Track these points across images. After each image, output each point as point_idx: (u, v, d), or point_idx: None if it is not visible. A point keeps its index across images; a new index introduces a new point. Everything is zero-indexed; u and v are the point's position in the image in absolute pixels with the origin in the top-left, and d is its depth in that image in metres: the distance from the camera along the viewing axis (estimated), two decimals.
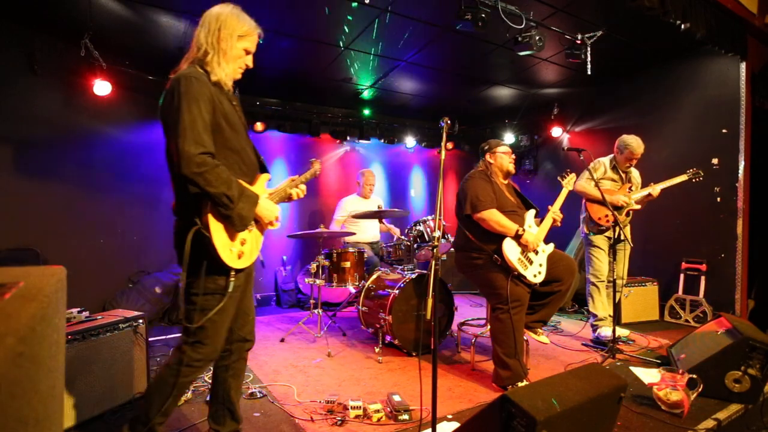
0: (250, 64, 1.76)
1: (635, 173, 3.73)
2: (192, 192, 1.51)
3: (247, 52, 1.73)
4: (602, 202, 3.33)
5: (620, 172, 3.65)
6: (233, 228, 1.58)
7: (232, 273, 1.62)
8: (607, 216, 3.46)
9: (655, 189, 3.52)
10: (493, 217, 2.65)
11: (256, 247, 1.75)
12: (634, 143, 3.52)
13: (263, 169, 1.84)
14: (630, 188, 3.63)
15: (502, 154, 2.91)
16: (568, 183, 3.13)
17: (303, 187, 1.95)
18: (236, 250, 1.62)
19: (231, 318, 1.72)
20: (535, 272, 2.67)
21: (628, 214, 3.63)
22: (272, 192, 1.85)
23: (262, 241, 1.79)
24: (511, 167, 2.93)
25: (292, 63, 4.52)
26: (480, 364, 3.02)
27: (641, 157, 3.58)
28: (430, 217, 3.71)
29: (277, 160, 5.56)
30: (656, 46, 4.21)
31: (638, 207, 3.57)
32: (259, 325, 4.19)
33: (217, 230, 1.55)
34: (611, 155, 3.70)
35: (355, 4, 3.27)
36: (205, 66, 1.63)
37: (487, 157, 2.92)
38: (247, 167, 1.72)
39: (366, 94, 5.45)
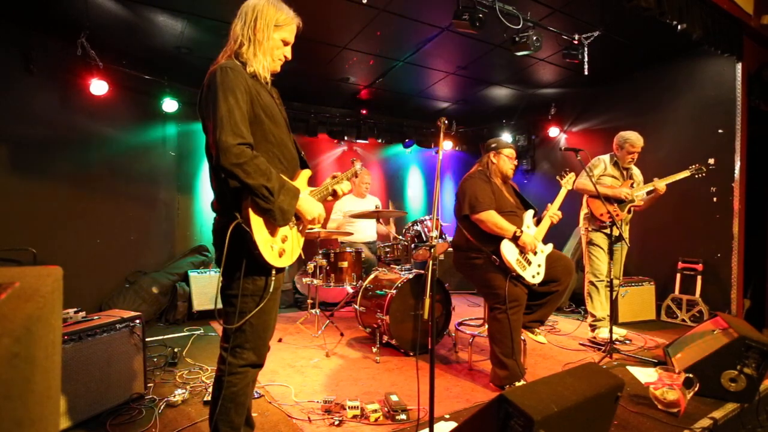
0: (289, 56, 1.71)
1: (636, 171, 3.72)
2: (231, 186, 1.46)
3: (285, 43, 1.67)
4: (605, 198, 3.32)
5: (621, 169, 3.64)
6: (274, 222, 1.50)
7: (273, 272, 1.55)
8: (609, 212, 3.46)
9: (660, 184, 3.50)
10: (491, 219, 2.65)
11: (298, 245, 1.67)
12: (633, 136, 3.53)
13: (304, 165, 1.77)
14: (632, 185, 3.62)
15: (506, 157, 2.89)
16: (567, 182, 3.11)
17: (347, 183, 1.90)
18: (277, 247, 1.54)
19: (274, 320, 1.66)
20: (534, 273, 2.67)
21: (630, 211, 3.61)
22: (313, 190, 1.78)
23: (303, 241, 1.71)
24: (510, 172, 2.92)
25: (290, 62, 4.51)
26: (477, 364, 3.03)
27: (639, 156, 3.58)
28: (427, 217, 3.71)
29: None
30: (653, 46, 4.23)
31: (641, 204, 3.57)
32: None
33: (257, 225, 1.47)
34: (611, 153, 3.69)
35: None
36: (241, 57, 1.59)
37: (492, 155, 2.91)
38: (288, 162, 1.66)
39: (363, 94, 5.44)
